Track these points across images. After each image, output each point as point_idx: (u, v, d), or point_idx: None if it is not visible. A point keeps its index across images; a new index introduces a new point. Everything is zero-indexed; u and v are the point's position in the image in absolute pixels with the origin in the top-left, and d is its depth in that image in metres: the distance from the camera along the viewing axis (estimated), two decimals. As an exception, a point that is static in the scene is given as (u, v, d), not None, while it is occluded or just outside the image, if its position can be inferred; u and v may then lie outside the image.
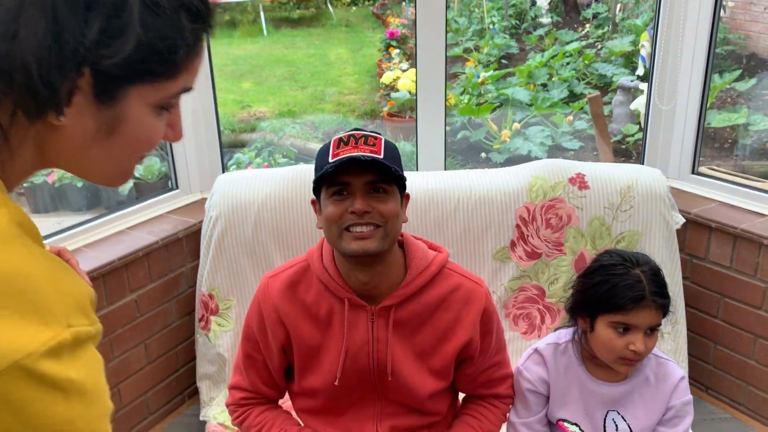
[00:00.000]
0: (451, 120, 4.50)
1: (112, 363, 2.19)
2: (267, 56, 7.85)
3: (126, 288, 2.20)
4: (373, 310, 1.31)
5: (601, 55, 5.87)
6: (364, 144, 1.24)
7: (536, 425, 1.57)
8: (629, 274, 1.39)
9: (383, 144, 1.25)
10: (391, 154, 1.27)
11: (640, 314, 1.36)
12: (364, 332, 1.32)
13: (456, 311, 1.34)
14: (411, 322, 1.33)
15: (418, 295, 1.33)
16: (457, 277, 1.36)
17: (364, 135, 1.26)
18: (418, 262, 1.33)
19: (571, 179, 2.15)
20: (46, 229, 2.23)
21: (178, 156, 2.56)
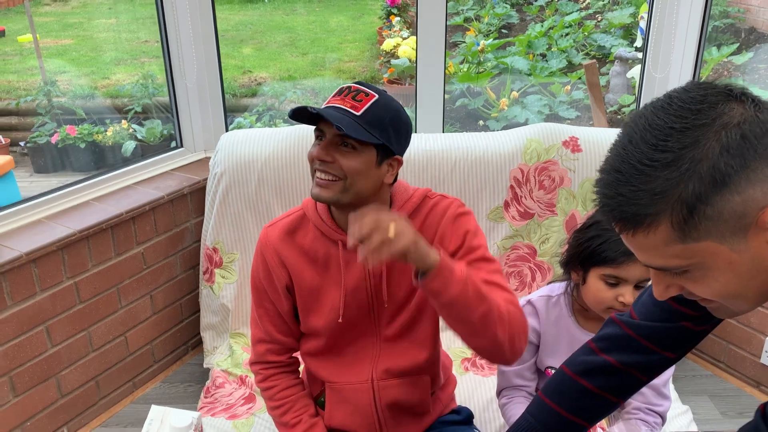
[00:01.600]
0: (450, 88, 4.55)
1: (119, 312, 2.29)
2: (267, 22, 7.83)
3: (133, 241, 2.28)
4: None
5: (601, 27, 5.89)
6: (352, 99, 1.29)
7: (526, 372, 1.67)
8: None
9: (371, 103, 1.29)
10: (378, 115, 1.29)
11: (630, 268, 1.44)
12: (360, 270, 1.41)
13: (434, 226, 1.41)
14: None
15: None
16: (435, 199, 1.45)
17: (358, 90, 1.31)
18: (400, 195, 1.42)
19: (564, 142, 2.23)
20: (50, 187, 2.29)
21: (183, 116, 2.62)
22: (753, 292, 0.78)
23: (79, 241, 2.09)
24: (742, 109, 0.72)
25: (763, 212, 0.71)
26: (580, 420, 1.15)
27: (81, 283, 2.13)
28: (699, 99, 0.73)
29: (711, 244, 0.74)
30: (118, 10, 7.91)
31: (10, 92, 5.53)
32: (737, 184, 0.71)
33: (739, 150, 0.70)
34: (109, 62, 6.34)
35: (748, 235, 0.73)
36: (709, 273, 0.76)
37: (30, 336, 2.02)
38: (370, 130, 1.28)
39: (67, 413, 2.19)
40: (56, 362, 2.12)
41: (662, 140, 0.73)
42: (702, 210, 0.72)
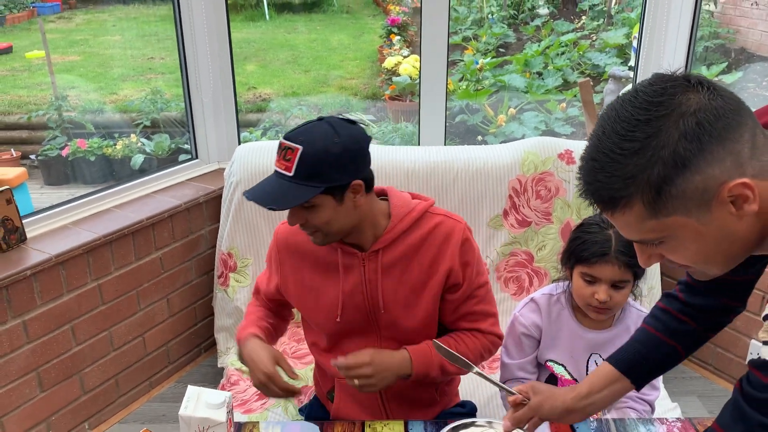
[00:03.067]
0: (450, 104, 4.70)
1: (138, 314, 2.41)
2: (270, 40, 8.00)
3: (152, 246, 2.41)
4: (364, 256, 1.46)
5: (596, 46, 6.08)
6: (283, 159, 1.32)
7: (528, 366, 1.79)
8: (601, 233, 1.60)
9: (299, 158, 1.30)
10: (309, 165, 1.30)
11: (604, 268, 1.57)
12: (357, 276, 1.47)
13: (437, 246, 1.45)
14: (399, 263, 1.46)
15: (403, 238, 1.46)
16: (438, 218, 1.48)
17: (286, 147, 1.32)
18: (399, 209, 1.46)
19: (560, 155, 2.37)
20: (60, 199, 2.39)
21: (199, 129, 2.76)
22: (721, 258, 0.89)
23: (103, 246, 2.22)
24: (698, 97, 0.81)
25: (722, 187, 0.81)
26: (673, 342, 1.26)
27: (104, 286, 2.26)
28: (660, 91, 0.83)
29: (679, 219, 0.84)
30: (123, 27, 8.08)
31: (20, 107, 5.67)
32: (696, 166, 0.80)
33: (696, 135, 0.80)
34: (116, 78, 6.49)
35: (711, 208, 0.83)
36: (681, 243, 0.87)
37: (57, 334, 2.14)
38: (309, 183, 1.30)
39: (88, 409, 2.30)
40: (80, 360, 2.23)
41: (630, 131, 0.82)
42: (667, 190, 0.82)
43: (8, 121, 5.45)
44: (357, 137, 1.36)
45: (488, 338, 1.57)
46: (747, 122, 0.83)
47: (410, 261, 1.47)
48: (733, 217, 0.84)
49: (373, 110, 5.47)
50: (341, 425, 1.43)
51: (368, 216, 1.44)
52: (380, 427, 1.42)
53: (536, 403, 1.26)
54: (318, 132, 1.33)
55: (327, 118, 1.38)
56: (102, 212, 2.38)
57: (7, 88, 6.11)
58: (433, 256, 1.46)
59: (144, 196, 2.53)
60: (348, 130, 1.35)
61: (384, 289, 1.48)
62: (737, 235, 0.86)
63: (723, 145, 0.80)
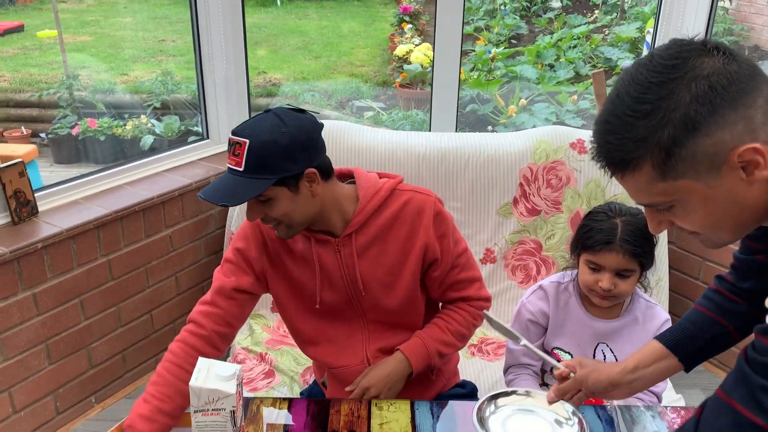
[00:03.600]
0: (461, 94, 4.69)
1: (146, 291, 2.42)
2: (281, 26, 8.00)
3: (162, 224, 2.42)
4: (337, 242, 1.45)
5: (608, 40, 6.05)
6: (232, 154, 1.30)
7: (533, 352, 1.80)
8: (607, 221, 1.60)
9: (246, 152, 1.28)
10: (258, 158, 1.28)
11: (608, 256, 1.57)
12: (334, 262, 1.47)
13: (410, 222, 1.45)
14: (374, 244, 1.46)
15: (374, 218, 1.45)
16: (407, 194, 1.47)
17: (234, 142, 1.30)
18: (366, 191, 1.45)
19: (572, 144, 2.37)
20: (66, 172, 2.41)
21: (210, 110, 2.76)
22: (730, 225, 0.89)
23: (113, 222, 2.23)
24: (712, 62, 0.81)
25: (732, 152, 0.81)
26: (724, 321, 1.24)
27: (114, 261, 2.27)
28: (675, 55, 0.83)
29: (688, 182, 0.84)
30: (134, 9, 8.09)
31: (31, 85, 5.69)
32: (707, 129, 0.80)
33: (708, 98, 0.80)
34: (127, 59, 6.50)
35: (720, 173, 0.83)
36: (690, 208, 0.87)
37: (66, 308, 2.15)
38: (260, 176, 1.29)
39: (95, 383, 2.32)
40: (88, 334, 2.25)
41: (642, 93, 0.83)
42: (677, 153, 0.82)
43: (19, 99, 5.46)
44: (305, 126, 1.34)
45: (475, 305, 1.59)
46: (762, 88, 0.82)
47: (384, 241, 1.47)
48: (743, 183, 0.83)
49: (384, 98, 5.46)
50: (348, 403, 1.44)
51: (332, 202, 1.42)
52: (387, 406, 1.43)
53: (582, 375, 1.26)
54: (264, 124, 1.31)
55: (275, 110, 1.35)
56: (113, 189, 2.39)
57: (19, 66, 6.12)
58: (406, 233, 1.46)
59: (155, 174, 2.53)
60: (296, 120, 1.33)
61: (362, 271, 1.47)
62: (746, 202, 0.85)
63: (735, 110, 0.80)
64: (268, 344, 2.29)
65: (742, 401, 0.79)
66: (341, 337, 1.58)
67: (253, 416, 1.39)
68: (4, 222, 2.08)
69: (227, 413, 1.21)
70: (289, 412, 1.41)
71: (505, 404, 1.39)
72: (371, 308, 1.54)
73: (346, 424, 1.36)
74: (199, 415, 1.21)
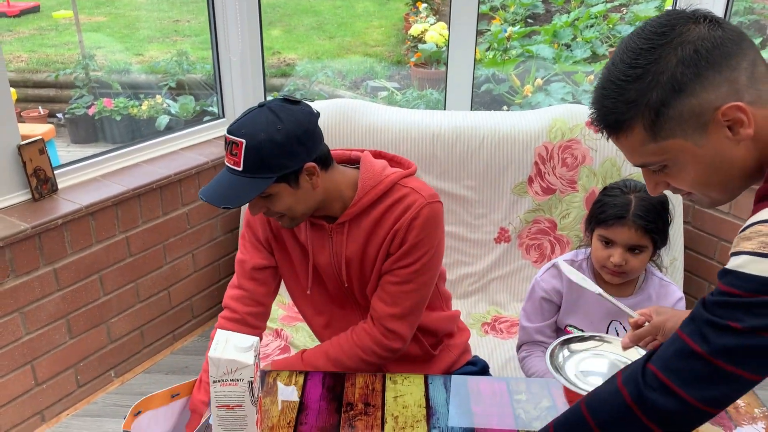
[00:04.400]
0: (476, 74, 4.66)
1: (163, 268, 2.46)
2: (295, 6, 7.96)
3: (179, 201, 2.44)
4: (331, 228, 1.46)
5: (626, 19, 5.96)
6: (230, 154, 1.30)
7: (546, 330, 1.81)
8: (621, 196, 1.61)
9: (244, 152, 1.27)
10: (255, 158, 1.27)
11: (620, 231, 1.58)
12: (327, 247, 1.48)
13: (395, 218, 1.42)
14: (362, 235, 1.45)
15: (369, 210, 1.43)
16: (406, 190, 1.43)
17: (230, 141, 1.29)
18: (366, 182, 1.42)
19: (588, 122, 2.35)
20: (83, 152, 2.43)
21: (226, 88, 2.77)
22: (720, 183, 0.94)
23: (131, 199, 2.26)
24: (698, 28, 0.87)
25: (717, 111, 0.87)
26: None
27: (132, 238, 2.30)
28: (664, 23, 0.89)
29: (678, 141, 0.90)
30: (149, -11, 8.08)
31: (48, 65, 5.72)
32: (693, 90, 0.86)
33: (693, 61, 0.86)
34: (143, 39, 6.51)
35: (707, 132, 0.89)
36: (682, 167, 0.93)
37: (86, 283, 2.19)
38: (260, 176, 1.29)
39: (115, 358, 2.37)
40: (107, 310, 2.29)
41: (634, 59, 0.89)
42: (666, 113, 0.88)
43: (36, 79, 5.51)
44: (300, 120, 1.31)
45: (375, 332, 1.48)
46: (747, 53, 0.88)
47: (372, 233, 1.45)
48: (730, 141, 0.89)
49: (398, 78, 5.44)
50: (363, 377, 1.46)
51: (333, 190, 1.42)
52: (401, 380, 1.45)
53: (659, 321, 1.28)
54: (260, 121, 1.29)
55: (268, 104, 1.33)
56: (130, 167, 2.42)
57: (35, 47, 6.16)
58: (389, 228, 1.43)
59: (171, 152, 2.56)
60: (291, 114, 1.31)
61: (348, 260, 1.47)
62: (734, 162, 0.91)
63: (719, 72, 0.86)
64: (284, 321, 2.31)
65: (690, 334, 0.87)
66: (339, 318, 1.59)
67: (270, 388, 1.42)
68: (25, 199, 2.11)
69: (245, 383, 1.23)
70: (304, 384, 1.43)
71: (578, 349, 1.40)
72: (361, 297, 1.54)
73: (361, 396, 1.38)
74: (218, 385, 1.24)
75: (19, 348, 2.05)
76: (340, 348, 1.50)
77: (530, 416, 1.34)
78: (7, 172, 2.07)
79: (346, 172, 1.46)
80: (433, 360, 1.66)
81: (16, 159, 2.07)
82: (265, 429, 1.30)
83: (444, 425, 1.31)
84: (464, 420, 1.33)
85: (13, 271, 1.98)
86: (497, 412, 1.36)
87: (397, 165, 1.51)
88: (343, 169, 1.47)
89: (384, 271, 1.47)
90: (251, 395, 1.25)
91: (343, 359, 1.50)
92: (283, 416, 1.33)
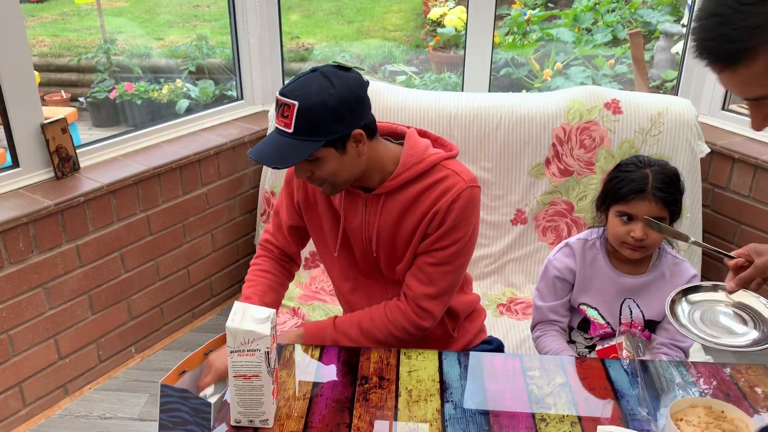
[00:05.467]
0: (495, 57, 4.63)
1: (183, 247, 2.49)
2: (314, -10, 7.96)
3: (198, 182, 2.47)
4: (366, 197, 1.47)
5: (648, 3, 5.88)
6: (281, 116, 1.31)
7: (560, 308, 1.81)
8: (638, 171, 1.60)
9: (296, 114, 1.29)
10: (308, 120, 1.29)
11: (640, 205, 1.57)
12: (360, 215, 1.49)
13: (434, 198, 1.43)
14: (398, 210, 1.46)
15: (407, 186, 1.44)
16: (447, 172, 1.44)
17: (282, 103, 1.30)
18: (408, 159, 1.44)
19: (606, 104, 2.34)
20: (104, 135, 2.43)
21: (245, 71, 2.79)
22: None
23: (151, 178, 2.29)
24: None
25: None
26: None
27: (152, 217, 2.34)
28: None
29: None
30: (169, -25, 8.12)
31: (70, 49, 5.79)
32: None
33: None
34: (163, 24, 6.56)
35: None
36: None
37: (107, 260, 2.24)
38: (310, 138, 1.30)
39: (135, 334, 2.41)
40: (128, 287, 2.33)
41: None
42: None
43: (59, 63, 5.57)
44: (352, 86, 1.32)
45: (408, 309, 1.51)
46: None
47: (408, 210, 1.47)
48: None
49: (416, 61, 5.43)
50: (378, 351, 1.48)
51: (375, 161, 1.43)
52: (415, 356, 1.46)
53: (763, 262, 1.21)
54: (313, 85, 1.30)
55: (321, 69, 1.34)
56: (151, 146, 2.45)
57: (58, 32, 6.23)
58: (426, 207, 1.44)
59: (191, 133, 2.59)
60: (343, 80, 1.32)
61: (379, 232, 1.49)
62: None
63: None
64: (301, 299, 2.34)
65: None
66: (362, 288, 1.61)
67: (286, 361, 1.44)
68: (48, 177, 2.15)
69: (262, 354, 1.25)
70: (320, 358, 1.45)
71: (696, 299, 1.33)
72: (388, 269, 1.55)
73: (376, 370, 1.40)
74: (235, 355, 1.26)
75: (43, 322, 2.10)
76: (372, 321, 1.52)
77: (543, 392, 1.35)
78: (31, 150, 2.11)
79: (389, 145, 1.48)
80: (450, 341, 1.68)
81: (40, 138, 2.11)
82: (281, 400, 1.32)
83: (457, 399, 1.32)
84: (477, 395, 1.34)
85: (36, 247, 2.02)
86: (510, 387, 1.37)
87: (440, 146, 1.53)
88: (386, 142, 1.48)
89: (421, 251, 1.48)
90: (268, 366, 1.27)
91: (374, 331, 1.52)
92: (299, 388, 1.35)
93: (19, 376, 2.08)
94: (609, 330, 1.73)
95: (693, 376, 1.41)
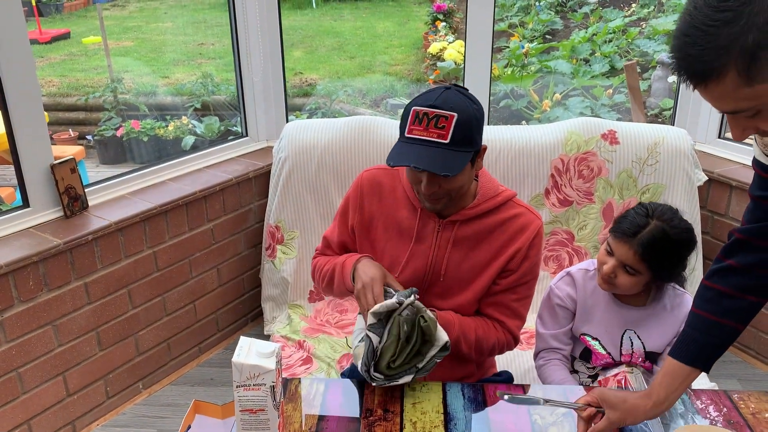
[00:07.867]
0: (494, 89, 4.71)
1: (189, 282, 2.52)
2: (316, 27, 8.11)
3: (204, 218, 2.52)
4: (441, 223, 1.52)
5: (645, 33, 5.98)
6: (434, 127, 1.34)
7: (562, 336, 1.82)
8: (642, 217, 1.61)
9: (455, 125, 1.34)
10: (463, 132, 1.35)
11: (620, 246, 1.60)
12: (430, 239, 1.52)
13: (511, 234, 1.50)
14: (471, 239, 1.51)
15: (483, 218, 1.51)
16: (521, 209, 1.53)
17: (437, 115, 1.34)
18: (486, 191, 1.51)
19: (603, 135, 2.38)
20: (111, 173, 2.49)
21: (249, 108, 2.86)
22: None
23: (158, 215, 2.34)
24: None
25: None
26: (729, 321, 1.24)
27: (159, 253, 2.38)
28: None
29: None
30: (174, 14, 8.30)
31: (78, 89, 5.91)
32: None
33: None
34: (168, 62, 6.69)
35: None
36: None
37: (115, 297, 2.27)
38: (462, 150, 1.36)
39: (142, 370, 2.43)
40: (135, 323, 2.36)
41: (722, 2, 0.83)
42: (762, 56, 0.82)
43: (67, 103, 5.68)
44: (480, 104, 1.43)
45: (506, 336, 1.59)
46: None
47: (481, 240, 1.52)
48: None
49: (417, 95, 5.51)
50: (382, 383, 1.49)
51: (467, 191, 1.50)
52: (419, 387, 1.48)
53: (618, 418, 1.26)
54: (460, 99, 1.37)
55: (454, 87, 1.41)
56: (157, 184, 2.50)
57: (66, 71, 6.36)
58: (503, 242, 1.50)
59: (196, 170, 2.64)
60: (474, 97, 1.42)
61: (450, 259, 1.52)
62: None
63: None
64: (306, 332, 2.36)
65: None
66: None
67: (292, 395, 1.47)
68: (57, 216, 2.20)
69: (267, 388, 1.28)
70: (325, 391, 1.47)
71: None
72: (439, 296, 1.56)
73: (380, 403, 1.42)
74: (241, 389, 1.28)
75: (52, 360, 2.13)
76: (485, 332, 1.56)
77: (546, 422, 1.36)
78: (41, 190, 2.16)
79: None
80: (471, 377, 1.69)
81: (49, 178, 2.16)
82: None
83: (461, 431, 1.34)
84: (481, 425, 1.35)
85: (46, 285, 2.06)
86: (513, 418, 1.38)
87: (503, 187, 1.59)
88: None
89: (502, 289, 1.54)
90: (273, 400, 1.29)
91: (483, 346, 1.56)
92: (305, 421, 1.37)
93: (28, 414, 2.10)
94: (610, 360, 1.75)
95: (699, 403, 1.42)
